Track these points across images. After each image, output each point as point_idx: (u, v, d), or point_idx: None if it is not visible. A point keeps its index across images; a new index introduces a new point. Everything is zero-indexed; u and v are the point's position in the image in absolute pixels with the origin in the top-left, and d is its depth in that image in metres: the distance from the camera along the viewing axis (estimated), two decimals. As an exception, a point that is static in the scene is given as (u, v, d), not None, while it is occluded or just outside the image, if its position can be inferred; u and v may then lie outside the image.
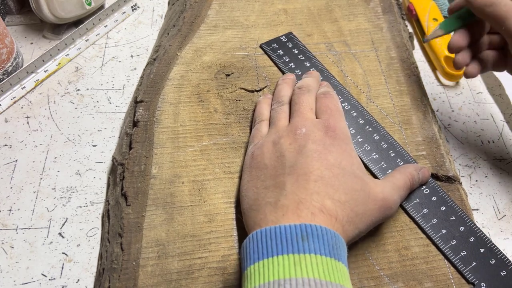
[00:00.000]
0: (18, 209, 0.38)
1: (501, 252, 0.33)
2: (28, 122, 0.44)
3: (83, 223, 0.38)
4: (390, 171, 0.37)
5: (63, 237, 0.37)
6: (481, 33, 0.38)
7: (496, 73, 0.52)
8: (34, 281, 0.34)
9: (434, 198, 0.36)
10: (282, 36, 0.48)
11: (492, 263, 0.33)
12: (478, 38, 0.39)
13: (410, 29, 0.54)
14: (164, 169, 0.37)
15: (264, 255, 0.25)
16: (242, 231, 0.34)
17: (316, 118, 0.35)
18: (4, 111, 0.45)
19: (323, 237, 0.26)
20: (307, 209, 0.28)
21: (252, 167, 0.33)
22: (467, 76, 0.39)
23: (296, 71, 0.44)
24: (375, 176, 0.37)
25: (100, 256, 0.35)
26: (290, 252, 0.25)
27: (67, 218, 0.38)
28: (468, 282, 0.32)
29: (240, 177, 0.37)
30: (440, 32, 0.39)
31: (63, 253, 0.36)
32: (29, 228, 0.37)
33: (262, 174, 0.32)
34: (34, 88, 0.47)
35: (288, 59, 0.45)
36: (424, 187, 0.36)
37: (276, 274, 0.24)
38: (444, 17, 0.55)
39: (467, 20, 0.38)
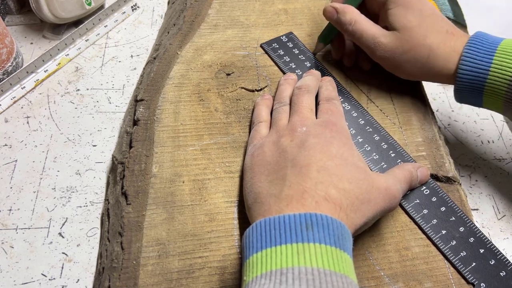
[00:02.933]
0: (18, 209, 0.38)
1: (501, 253, 0.33)
2: (28, 122, 0.44)
3: (83, 223, 0.37)
4: (390, 171, 0.37)
5: (63, 237, 0.37)
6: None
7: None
8: (34, 281, 0.34)
9: (434, 199, 0.36)
10: (282, 36, 0.48)
11: (492, 263, 0.33)
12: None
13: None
14: (165, 168, 0.37)
15: (267, 244, 0.25)
16: (243, 230, 0.34)
17: (317, 118, 0.35)
18: (4, 111, 0.45)
19: (329, 226, 0.25)
20: (311, 198, 0.28)
21: (254, 165, 0.33)
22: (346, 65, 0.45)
23: (296, 71, 0.44)
24: (375, 176, 0.37)
25: (100, 255, 0.35)
26: (294, 242, 0.24)
27: (67, 218, 0.38)
28: (468, 282, 0.32)
29: (241, 177, 0.37)
30: (321, 46, 0.45)
31: (63, 253, 0.36)
32: (29, 228, 0.37)
33: (265, 170, 0.32)
34: (34, 88, 0.47)
35: (288, 59, 0.45)
36: (424, 187, 0.36)
37: (279, 263, 0.24)
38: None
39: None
